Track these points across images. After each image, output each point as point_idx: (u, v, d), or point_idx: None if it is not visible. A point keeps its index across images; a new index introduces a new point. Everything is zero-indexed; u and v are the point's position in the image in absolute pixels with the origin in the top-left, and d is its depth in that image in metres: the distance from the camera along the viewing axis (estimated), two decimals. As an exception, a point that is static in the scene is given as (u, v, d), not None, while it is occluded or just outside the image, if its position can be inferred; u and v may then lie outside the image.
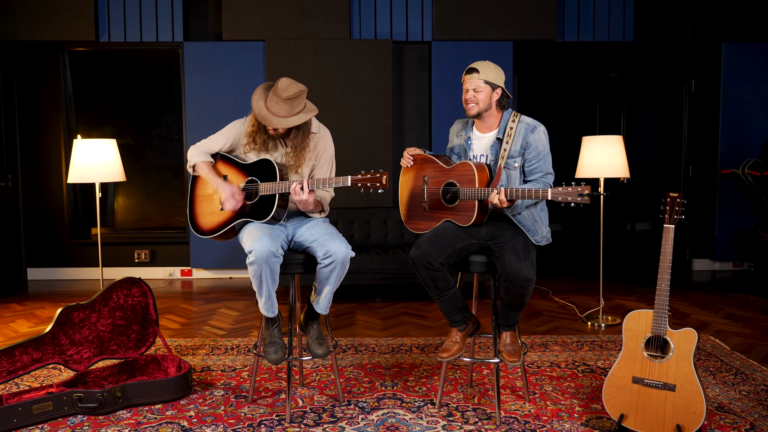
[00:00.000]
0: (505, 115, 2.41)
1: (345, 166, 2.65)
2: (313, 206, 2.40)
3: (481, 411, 2.41)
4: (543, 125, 2.39)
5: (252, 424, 2.31)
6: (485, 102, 2.36)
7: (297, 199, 2.31)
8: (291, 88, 2.29)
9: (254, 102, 2.35)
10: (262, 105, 2.32)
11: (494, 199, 2.19)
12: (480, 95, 2.35)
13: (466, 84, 2.37)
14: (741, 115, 5.03)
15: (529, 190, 2.15)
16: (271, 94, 2.32)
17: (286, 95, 2.28)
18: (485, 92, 2.35)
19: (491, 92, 2.36)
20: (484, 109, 2.38)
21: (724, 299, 4.33)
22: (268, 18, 4.80)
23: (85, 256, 5.14)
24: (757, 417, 2.33)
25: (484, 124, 2.43)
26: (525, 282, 2.19)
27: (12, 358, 2.40)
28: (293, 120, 2.33)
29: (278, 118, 2.31)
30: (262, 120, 2.33)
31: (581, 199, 2.06)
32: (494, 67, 2.38)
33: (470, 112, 2.39)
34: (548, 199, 2.11)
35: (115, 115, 5.45)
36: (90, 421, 2.33)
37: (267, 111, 2.31)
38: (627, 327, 2.15)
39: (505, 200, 2.18)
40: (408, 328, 3.64)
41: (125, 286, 2.68)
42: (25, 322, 3.84)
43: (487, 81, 2.34)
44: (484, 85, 2.35)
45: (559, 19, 5.05)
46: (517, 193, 2.17)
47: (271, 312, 2.36)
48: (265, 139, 2.43)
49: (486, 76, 2.34)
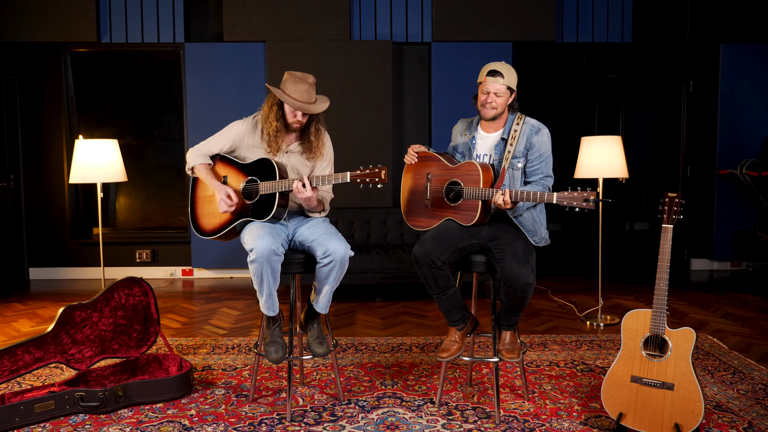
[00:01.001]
0: (510, 116, 2.42)
1: (345, 166, 2.65)
2: (315, 203, 2.42)
3: (481, 410, 2.42)
4: (547, 128, 2.40)
5: (253, 422, 2.32)
6: (503, 106, 2.36)
7: (301, 197, 2.32)
8: (307, 75, 2.37)
9: (282, 95, 2.35)
10: (289, 98, 2.34)
11: (499, 200, 2.19)
12: (500, 99, 2.34)
13: (487, 86, 2.32)
14: (739, 115, 5.04)
15: (535, 193, 2.15)
16: (290, 85, 2.35)
17: (311, 80, 2.37)
18: (505, 97, 2.34)
19: (509, 97, 2.36)
20: (500, 113, 2.38)
21: (722, 299, 4.34)
22: (269, 19, 4.81)
23: (86, 256, 5.16)
24: (755, 416, 2.34)
25: (491, 125, 2.43)
26: (525, 286, 2.20)
27: (14, 357, 2.41)
28: (320, 105, 2.40)
29: (309, 104, 2.36)
30: (301, 109, 2.35)
31: (586, 205, 2.06)
32: (513, 70, 2.36)
33: (487, 115, 2.36)
34: (553, 202, 2.11)
35: (116, 115, 5.46)
36: (92, 420, 2.34)
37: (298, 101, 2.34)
38: (626, 326, 2.16)
39: (509, 202, 2.18)
40: (408, 328, 3.65)
41: (127, 286, 2.69)
42: (27, 322, 3.85)
43: (509, 86, 2.33)
44: (506, 90, 2.33)
45: (558, 20, 5.06)
46: (522, 195, 2.17)
47: (271, 311, 2.37)
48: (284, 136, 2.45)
49: (509, 81, 2.33)
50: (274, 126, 2.40)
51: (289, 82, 2.37)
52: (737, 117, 5.04)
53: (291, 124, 2.41)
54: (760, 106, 5.04)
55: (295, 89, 2.35)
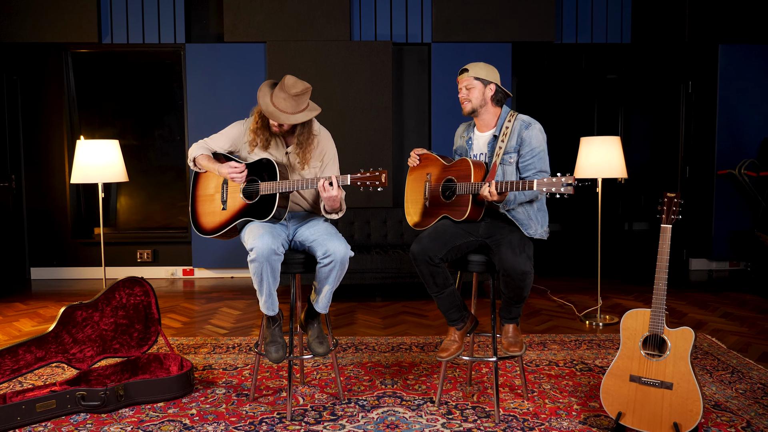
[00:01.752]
0: (502, 114, 2.46)
1: (345, 167, 2.67)
2: (338, 204, 2.42)
3: (480, 409, 2.43)
4: (539, 123, 2.42)
5: (253, 422, 2.32)
6: (478, 99, 2.42)
7: (326, 196, 2.30)
8: (297, 85, 2.33)
9: (260, 98, 2.36)
10: (269, 101, 2.34)
11: (484, 191, 2.23)
12: (473, 93, 2.42)
13: (459, 84, 2.46)
14: (737, 116, 5.05)
15: (517, 182, 2.19)
16: (277, 91, 2.34)
17: (294, 92, 2.31)
18: (477, 89, 2.42)
19: (484, 89, 2.42)
20: (479, 105, 2.43)
21: (720, 298, 4.35)
22: (270, 20, 4.83)
23: (87, 256, 5.17)
24: (754, 415, 2.34)
25: (482, 122, 2.48)
26: (522, 275, 2.22)
27: (16, 357, 2.41)
28: (300, 117, 2.35)
29: (285, 114, 2.34)
30: (269, 116, 2.35)
31: (565, 189, 2.08)
32: (484, 65, 2.44)
33: (465, 109, 2.46)
34: (534, 189, 2.15)
35: (117, 116, 5.48)
36: (93, 419, 2.33)
37: (274, 107, 2.33)
38: (624, 326, 2.16)
39: (495, 192, 2.21)
40: (408, 327, 3.66)
41: (128, 286, 2.70)
42: (29, 321, 3.86)
43: (477, 77, 2.41)
44: (475, 81, 2.41)
45: (558, 21, 5.08)
46: (504, 185, 2.21)
47: (271, 310, 2.38)
48: (268, 136, 2.45)
49: (476, 73, 2.41)
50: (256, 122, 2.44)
51: (277, 87, 2.36)
52: (736, 117, 5.05)
53: (271, 126, 2.43)
54: (758, 106, 5.05)
55: (277, 95, 2.34)
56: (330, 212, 2.49)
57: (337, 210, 2.49)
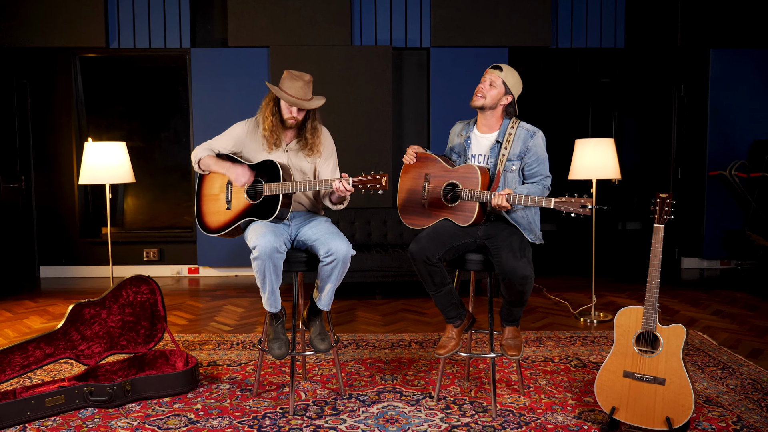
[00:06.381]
0: (505, 121, 2.47)
1: (345, 169, 2.70)
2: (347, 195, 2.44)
3: (478, 404, 2.45)
4: (541, 131, 2.45)
5: (257, 416, 2.34)
6: (493, 99, 2.41)
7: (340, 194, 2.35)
8: (304, 74, 2.43)
9: (278, 93, 2.41)
10: (285, 95, 2.40)
11: (502, 201, 2.23)
12: (492, 91, 2.40)
13: (485, 75, 2.42)
14: (728, 118, 5.08)
15: (533, 198, 2.20)
16: (288, 83, 2.41)
17: (307, 78, 2.42)
18: (498, 90, 2.40)
19: (503, 94, 2.41)
20: (489, 106, 2.42)
21: (712, 296, 4.37)
22: (273, 25, 4.88)
23: (95, 255, 5.22)
24: (744, 410, 2.37)
25: (485, 123, 2.47)
26: (523, 279, 2.23)
27: (25, 353, 2.45)
28: (315, 102, 2.45)
29: (304, 101, 2.41)
30: (294, 104, 2.40)
31: (583, 211, 2.11)
32: (517, 75, 2.44)
33: (475, 102, 2.43)
34: (551, 207, 2.15)
35: (124, 118, 5.52)
36: (100, 413, 2.36)
37: (294, 97, 2.40)
38: (618, 323, 2.17)
39: (508, 205, 2.23)
40: (407, 324, 3.69)
41: (134, 284, 2.72)
42: (38, 319, 3.90)
43: (505, 82, 2.40)
44: (501, 83, 2.40)
45: (553, 26, 5.09)
46: (520, 199, 2.21)
47: (274, 307, 2.40)
48: (279, 134, 2.50)
49: (506, 77, 2.40)
50: (270, 120, 2.46)
51: (286, 79, 2.43)
52: (726, 120, 5.08)
53: (286, 120, 2.46)
54: (748, 109, 5.08)
55: (291, 86, 2.40)
56: (336, 203, 2.53)
57: (343, 200, 2.53)
